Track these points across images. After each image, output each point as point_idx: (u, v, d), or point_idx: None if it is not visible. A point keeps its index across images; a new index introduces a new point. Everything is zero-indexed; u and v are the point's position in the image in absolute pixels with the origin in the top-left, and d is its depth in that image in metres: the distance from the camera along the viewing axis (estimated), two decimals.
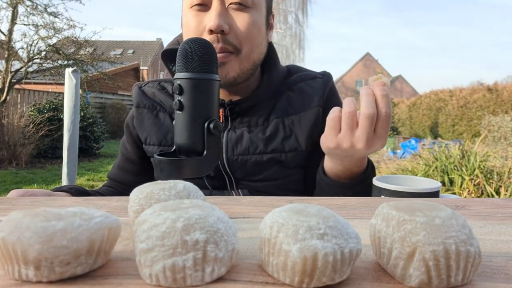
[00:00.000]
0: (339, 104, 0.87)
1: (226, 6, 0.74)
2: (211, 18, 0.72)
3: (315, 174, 0.80)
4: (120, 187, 0.91)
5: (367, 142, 0.61)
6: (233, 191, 0.82)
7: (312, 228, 0.27)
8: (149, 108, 0.87)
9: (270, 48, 0.85)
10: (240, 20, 0.74)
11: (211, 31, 0.73)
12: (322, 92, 0.85)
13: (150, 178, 0.63)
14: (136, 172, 0.90)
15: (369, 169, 0.73)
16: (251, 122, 0.81)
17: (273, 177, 0.81)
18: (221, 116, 0.81)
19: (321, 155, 0.77)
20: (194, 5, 0.75)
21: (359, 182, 0.71)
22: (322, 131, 0.71)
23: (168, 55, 0.82)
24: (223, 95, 0.83)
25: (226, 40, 0.73)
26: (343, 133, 0.62)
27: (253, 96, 0.81)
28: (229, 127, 0.81)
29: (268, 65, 0.84)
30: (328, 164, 0.72)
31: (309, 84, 0.86)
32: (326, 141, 0.65)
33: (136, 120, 0.87)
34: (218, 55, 0.73)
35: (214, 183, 0.82)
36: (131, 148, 0.90)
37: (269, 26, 0.83)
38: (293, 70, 0.91)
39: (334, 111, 0.64)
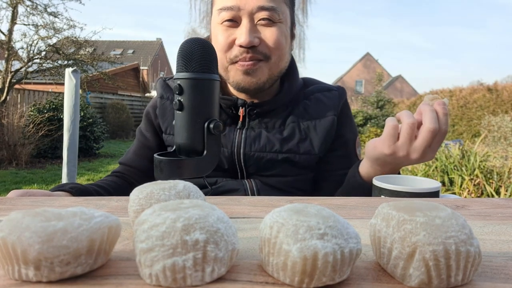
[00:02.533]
0: (352, 118, 0.95)
1: (255, 22, 0.79)
2: (241, 35, 0.77)
3: (324, 176, 0.85)
4: (132, 172, 0.94)
5: (422, 153, 0.65)
6: (244, 180, 0.85)
7: (312, 228, 0.27)
8: (171, 100, 0.91)
9: (291, 58, 0.90)
10: (269, 34, 0.79)
11: (241, 46, 0.77)
12: (338, 103, 0.91)
13: None
14: (152, 158, 0.93)
15: None
16: (269, 124, 0.86)
17: (283, 174, 0.85)
18: (241, 115, 0.85)
19: (333, 160, 0.85)
20: (225, 21, 0.79)
21: None
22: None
23: None
24: (244, 96, 0.87)
25: (256, 51, 0.78)
26: (402, 142, 0.66)
27: (274, 100, 0.86)
28: (246, 126, 0.86)
29: (290, 74, 0.90)
30: (367, 170, 0.75)
31: (325, 95, 0.91)
32: (383, 147, 0.68)
33: (159, 110, 0.92)
34: (248, 63, 0.79)
35: (226, 175, 0.86)
36: (151, 136, 0.94)
37: (292, 36, 0.88)
38: (309, 82, 0.97)
39: (392, 120, 0.68)
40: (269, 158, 0.83)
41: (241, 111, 0.85)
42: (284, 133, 0.85)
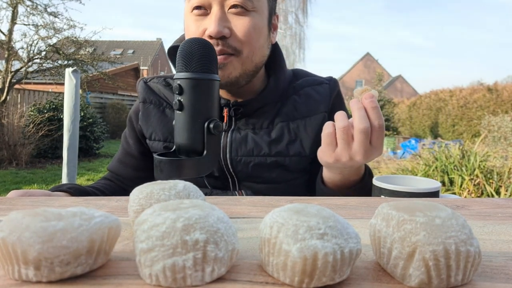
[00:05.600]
0: (345, 111, 0.88)
1: (226, 10, 0.73)
2: (210, 24, 0.72)
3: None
4: (119, 180, 0.92)
5: (364, 154, 0.62)
6: (236, 192, 0.82)
7: (312, 228, 0.27)
8: (155, 104, 0.87)
9: (276, 50, 0.85)
10: (240, 24, 0.73)
11: (210, 37, 0.72)
12: (329, 98, 0.86)
13: (150, 173, 0.63)
14: (137, 166, 0.91)
15: (367, 176, 0.74)
16: (256, 125, 0.81)
17: (276, 180, 0.81)
18: (225, 116, 0.80)
19: None
20: (194, 10, 0.75)
21: (359, 189, 0.72)
22: None
23: (174, 52, 0.82)
24: (228, 95, 0.83)
25: (226, 43, 0.73)
26: (340, 148, 0.63)
27: (259, 98, 0.81)
28: (233, 127, 0.81)
29: (274, 68, 0.84)
30: (327, 175, 0.73)
31: (316, 89, 0.86)
32: (325, 156, 0.66)
33: (142, 115, 0.87)
34: (218, 56, 0.72)
35: (217, 183, 0.82)
36: (133, 143, 0.90)
37: (272, 28, 0.82)
38: (299, 74, 0.91)
39: (328, 127, 0.64)
40: (257, 162, 0.79)
41: (225, 112, 0.80)
42: (272, 134, 0.80)
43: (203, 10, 0.74)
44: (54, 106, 6.95)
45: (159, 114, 0.85)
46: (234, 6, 0.73)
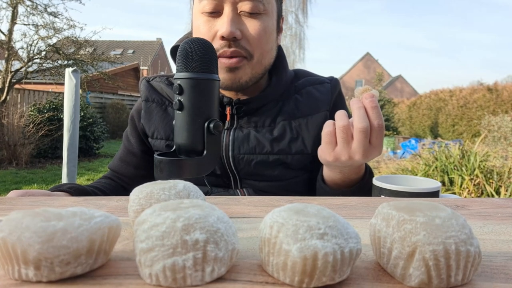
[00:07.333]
0: (346, 110, 0.89)
1: (238, 12, 0.74)
2: (223, 25, 0.73)
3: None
4: (120, 179, 0.92)
5: (364, 153, 0.62)
6: (237, 190, 0.82)
7: (312, 228, 0.27)
8: (158, 103, 0.87)
9: (279, 50, 0.86)
10: (252, 26, 0.74)
11: (223, 37, 0.73)
12: (330, 97, 0.86)
13: (151, 172, 0.63)
14: (138, 165, 0.91)
15: (367, 175, 0.74)
16: (258, 123, 0.82)
17: (277, 178, 0.81)
18: (228, 114, 0.81)
19: None
20: (206, 11, 0.75)
21: (358, 188, 0.72)
22: None
23: (176, 52, 0.82)
24: (230, 94, 0.83)
25: (238, 45, 0.74)
26: (339, 147, 0.64)
27: (261, 96, 0.82)
28: (235, 125, 0.82)
29: (277, 67, 0.85)
30: (327, 173, 0.73)
31: (317, 88, 0.87)
32: (324, 155, 0.67)
33: (144, 113, 0.87)
34: (231, 60, 0.74)
35: (219, 181, 0.83)
36: (135, 141, 0.91)
37: (279, 30, 0.84)
38: (300, 74, 0.92)
39: (328, 125, 0.65)
40: (260, 160, 0.79)
41: (227, 110, 0.81)
42: (275, 132, 0.81)
43: (215, 12, 0.75)
44: (54, 106, 6.94)
45: (161, 112, 0.86)
46: (246, 9, 0.73)
